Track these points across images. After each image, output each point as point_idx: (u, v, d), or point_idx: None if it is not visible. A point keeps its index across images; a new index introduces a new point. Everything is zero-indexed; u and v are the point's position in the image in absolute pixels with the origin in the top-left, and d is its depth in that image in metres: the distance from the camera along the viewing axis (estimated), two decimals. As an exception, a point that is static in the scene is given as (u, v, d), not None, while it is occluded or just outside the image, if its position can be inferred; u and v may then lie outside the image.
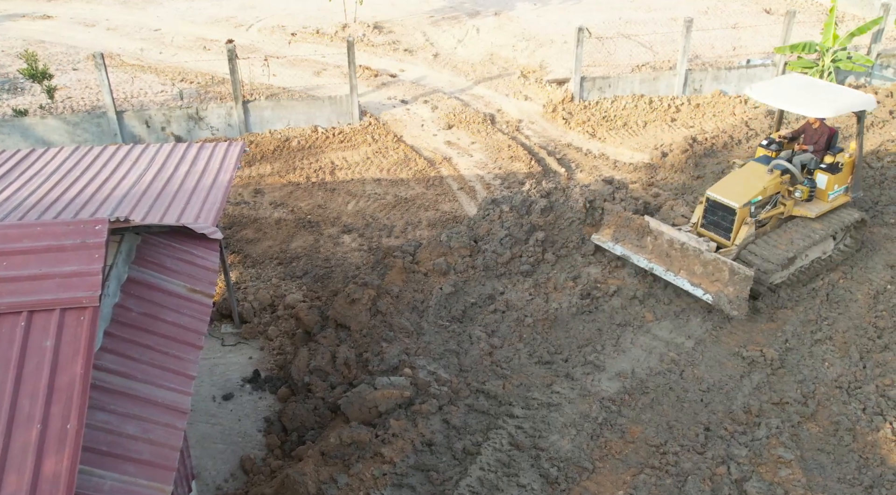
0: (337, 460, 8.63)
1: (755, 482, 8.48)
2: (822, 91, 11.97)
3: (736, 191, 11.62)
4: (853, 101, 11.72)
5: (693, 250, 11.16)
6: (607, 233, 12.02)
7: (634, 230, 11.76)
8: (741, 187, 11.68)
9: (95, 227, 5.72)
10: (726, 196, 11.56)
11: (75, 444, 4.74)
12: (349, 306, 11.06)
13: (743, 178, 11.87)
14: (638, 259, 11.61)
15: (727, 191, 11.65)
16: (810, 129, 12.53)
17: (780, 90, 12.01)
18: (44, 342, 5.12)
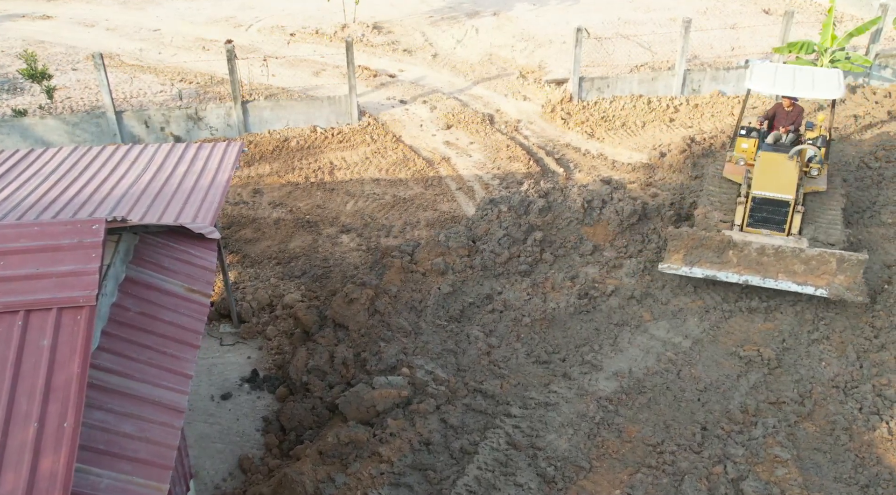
0: (335, 459, 8.65)
1: (752, 481, 8.50)
2: (813, 74, 12.81)
3: (781, 183, 11.75)
4: (840, 78, 12.78)
5: (791, 251, 11.13)
6: (677, 259, 11.51)
7: (712, 248, 11.43)
8: (781, 179, 11.84)
9: (92, 227, 5.74)
10: (776, 190, 11.65)
11: (72, 443, 4.76)
12: (347, 306, 11.08)
13: (774, 171, 12.00)
14: (727, 275, 11.37)
15: (772, 185, 11.73)
16: (783, 111, 13.08)
17: (781, 80, 12.56)
18: (41, 341, 5.14)
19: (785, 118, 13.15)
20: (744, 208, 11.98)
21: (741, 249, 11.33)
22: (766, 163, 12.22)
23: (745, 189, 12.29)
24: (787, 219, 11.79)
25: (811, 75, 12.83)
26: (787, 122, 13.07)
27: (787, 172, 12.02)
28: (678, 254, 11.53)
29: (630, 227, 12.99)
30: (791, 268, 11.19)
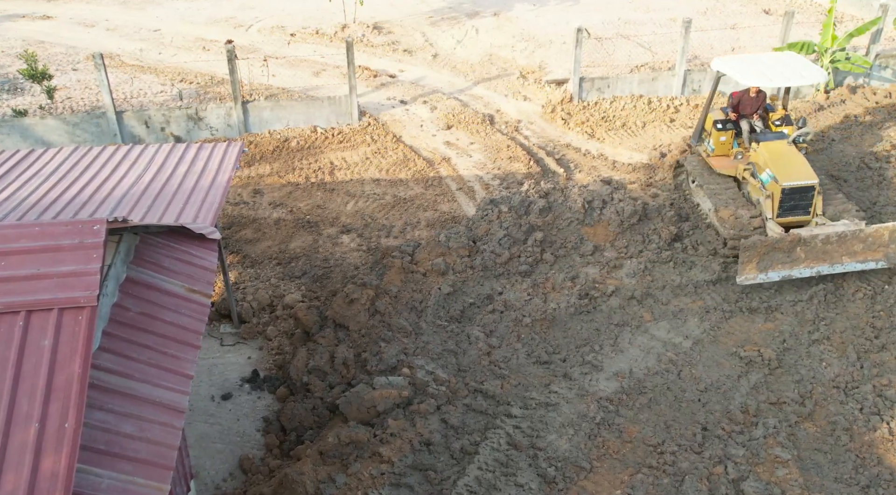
0: (335, 460, 8.65)
1: (752, 482, 8.50)
2: (787, 61, 13.13)
3: (800, 171, 12.17)
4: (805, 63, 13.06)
5: (851, 233, 11.44)
6: (751, 268, 11.43)
7: (783, 249, 11.48)
8: (798, 166, 12.28)
9: (93, 227, 5.74)
10: (802, 178, 12.05)
11: (73, 443, 4.76)
12: (348, 306, 11.08)
13: (788, 159, 12.42)
14: (800, 272, 11.53)
15: (797, 174, 12.10)
16: (748, 97, 13.28)
17: (760, 70, 12.82)
18: (42, 341, 5.14)
19: (751, 105, 13.33)
20: (772, 201, 12.19)
21: (808, 243, 11.50)
22: (774, 153, 12.43)
23: (757, 182, 12.51)
24: (811, 202, 12.18)
25: (782, 62, 13.08)
26: (754, 109, 13.32)
27: (799, 158, 12.46)
28: (751, 264, 11.52)
29: (630, 228, 12.99)
30: (851, 249, 11.55)
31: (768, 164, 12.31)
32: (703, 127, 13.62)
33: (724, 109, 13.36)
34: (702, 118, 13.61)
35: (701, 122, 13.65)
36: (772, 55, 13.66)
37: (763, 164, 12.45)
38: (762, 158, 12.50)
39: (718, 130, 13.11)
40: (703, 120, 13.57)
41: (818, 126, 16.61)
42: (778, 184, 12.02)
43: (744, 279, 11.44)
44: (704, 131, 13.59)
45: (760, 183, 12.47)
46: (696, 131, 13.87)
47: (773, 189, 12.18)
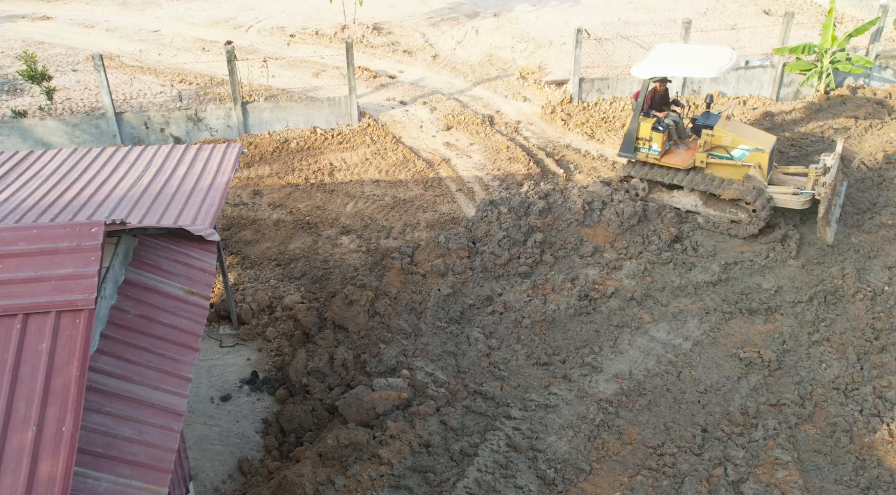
0: (334, 462, 8.64)
1: (752, 484, 8.48)
2: (696, 53, 13.52)
3: (764, 135, 13.42)
4: (724, 56, 13.26)
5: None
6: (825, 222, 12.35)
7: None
8: (757, 132, 13.57)
9: (91, 230, 5.72)
10: (771, 139, 13.26)
11: (71, 447, 4.75)
12: (347, 307, 11.07)
13: (747, 130, 13.55)
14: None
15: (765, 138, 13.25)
16: (657, 95, 13.78)
17: (664, 61, 13.21)
18: (39, 345, 5.13)
19: (660, 100, 13.80)
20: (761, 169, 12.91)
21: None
22: (733, 130, 13.17)
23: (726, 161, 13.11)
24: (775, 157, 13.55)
25: (690, 54, 13.46)
26: (662, 104, 13.83)
27: (749, 127, 13.81)
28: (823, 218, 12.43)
29: (630, 229, 12.98)
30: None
31: (737, 141, 12.92)
32: (638, 136, 13.59)
33: (648, 112, 13.52)
34: (633, 128, 13.56)
35: (634, 133, 13.56)
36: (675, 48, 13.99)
37: (731, 143, 12.98)
38: (726, 139, 13.00)
39: (660, 132, 13.33)
40: (637, 129, 13.53)
41: (818, 126, 16.59)
42: (763, 152, 12.78)
43: (829, 236, 12.51)
44: (639, 140, 13.56)
45: (735, 160, 13.02)
46: (628, 143, 13.71)
47: (758, 158, 12.84)
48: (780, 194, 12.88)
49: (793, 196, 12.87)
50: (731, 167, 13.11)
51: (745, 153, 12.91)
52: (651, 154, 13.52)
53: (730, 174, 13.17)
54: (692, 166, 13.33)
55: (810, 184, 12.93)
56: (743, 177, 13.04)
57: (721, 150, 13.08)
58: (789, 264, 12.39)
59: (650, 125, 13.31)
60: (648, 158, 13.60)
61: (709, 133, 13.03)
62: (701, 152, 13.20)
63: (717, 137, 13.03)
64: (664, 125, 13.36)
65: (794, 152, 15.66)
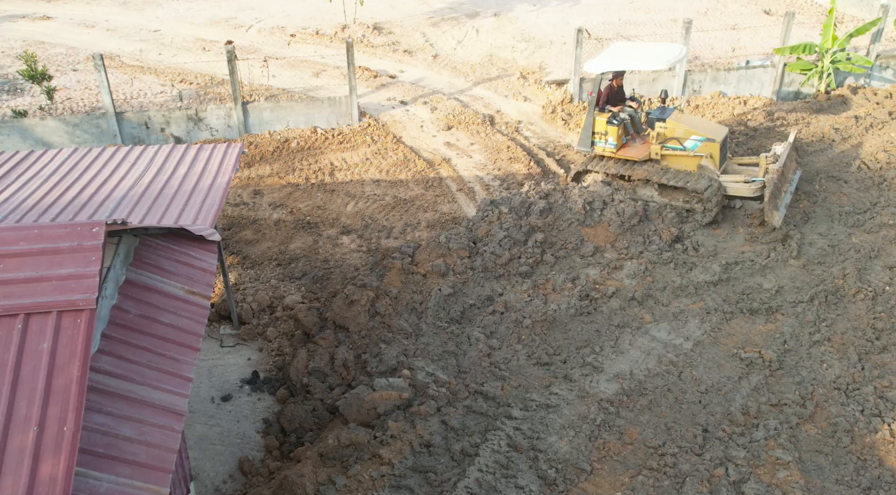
0: (335, 461, 8.63)
1: (753, 484, 8.48)
2: (647, 48, 13.99)
3: (715, 126, 13.97)
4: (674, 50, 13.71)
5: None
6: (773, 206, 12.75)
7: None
8: (709, 123, 14.19)
9: (92, 230, 5.72)
10: (723, 130, 13.81)
11: (72, 447, 4.74)
12: (348, 307, 11.06)
13: (699, 122, 14.17)
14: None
15: (716, 129, 13.80)
16: (613, 91, 14.24)
17: (617, 56, 13.59)
18: (40, 345, 5.12)
19: (617, 96, 14.30)
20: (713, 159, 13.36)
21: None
22: (685, 122, 13.59)
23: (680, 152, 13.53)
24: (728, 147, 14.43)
25: (640, 50, 13.89)
26: (618, 99, 14.32)
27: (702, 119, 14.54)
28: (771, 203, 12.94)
29: (631, 229, 12.97)
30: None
31: (690, 132, 13.41)
32: (594, 130, 14.02)
33: (604, 108, 14.03)
34: (589, 123, 14.02)
35: (590, 127, 14.02)
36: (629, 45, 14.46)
37: (684, 134, 13.45)
38: (679, 130, 13.45)
39: (616, 126, 13.78)
40: (593, 124, 13.98)
41: (819, 127, 16.58)
42: (714, 142, 13.30)
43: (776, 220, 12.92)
44: (596, 134, 14.01)
45: (688, 151, 13.49)
46: (585, 138, 14.18)
47: (710, 148, 13.34)
48: (732, 183, 13.45)
49: (744, 184, 13.44)
50: (685, 158, 13.60)
51: (698, 144, 13.42)
52: (607, 147, 14.02)
53: (683, 164, 13.65)
54: (647, 158, 13.81)
55: (761, 172, 13.52)
56: (696, 167, 13.52)
57: (674, 142, 13.59)
58: (790, 264, 12.39)
59: (605, 120, 13.82)
60: (605, 152, 14.10)
61: (662, 125, 13.55)
62: (655, 144, 13.68)
63: (670, 129, 13.53)
64: (619, 119, 13.85)
65: (794, 152, 15.65)
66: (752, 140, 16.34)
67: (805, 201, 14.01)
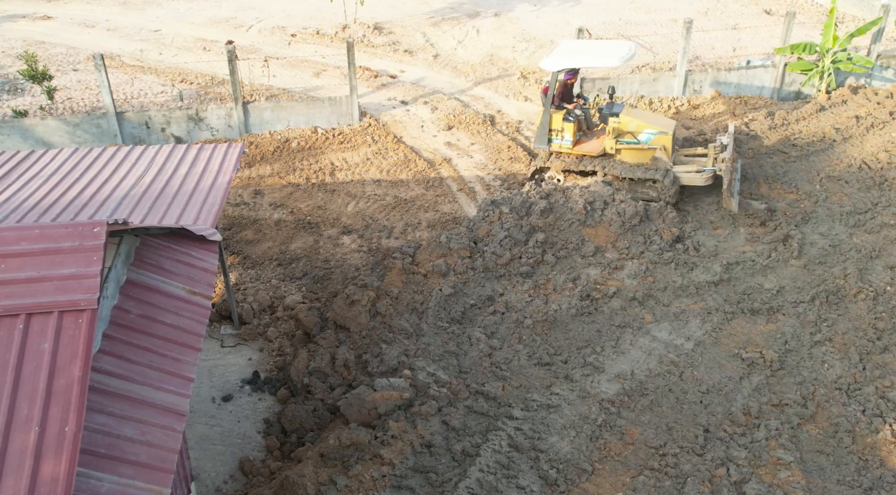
0: (336, 462, 8.63)
1: (754, 484, 8.47)
2: (598, 46, 14.31)
3: (665, 120, 14.40)
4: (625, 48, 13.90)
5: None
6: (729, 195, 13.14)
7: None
8: (660, 118, 14.56)
9: (93, 230, 5.71)
10: (673, 123, 14.26)
11: (73, 447, 4.74)
12: (348, 307, 11.05)
13: (650, 116, 14.45)
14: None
15: (666, 122, 14.21)
16: (567, 89, 14.50)
17: (572, 54, 13.82)
18: (42, 345, 5.12)
19: (569, 93, 14.59)
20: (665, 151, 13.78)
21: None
22: (637, 117, 13.97)
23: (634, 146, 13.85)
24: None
25: (592, 47, 14.21)
26: (570, 96, 14.61)
27: (652, 113, 14.98)
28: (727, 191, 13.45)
29: (632, 229, 12.97)
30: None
31: (642, 126, 13.81)
32: (551, 127, 14.23)
33: (560, 105, 14.23)
34: (546, 121, 14.20)
35: (547, 125, 14.21)
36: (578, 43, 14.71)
37: (637, 129, 13.85)
38: (633, 124, 13.84)
39: (572, 122, 14.06)
40: (550, 121, 14.17)
41: (820, 126, 16.57)
42: (666, 135, 13.74)
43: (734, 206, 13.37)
44: (553, 131, 14.22)
45: (642, 144, 13.85)
46: (542, 135, 14.36)
47: (662, 140, 13.77)
48: (685, 173, 13.89)
49: (697, 174, 13.88)
50: (639, 151, 13.94)
51: (651, 137, 13.82)
52: (564, 144, 14.26)
53: (638, 158, 14.00)
54: (603, 153, 14.09)
55: (710, 162, 13.99)
56: (650, 159, 13.91)
57: (628, 136, 13.91)
58: (791, 264, 12.38)
59: (562, 117, 14.05)
60: (561, 148, 14.33)
61: (616, 120, 13.87)
62: (610, 139, 13.96)
63: (623, 124, 13.87)
64: (574, 116, 14.10)
65: (795, 152, 15.64)
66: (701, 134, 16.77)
67: (806, 201, 14.01)
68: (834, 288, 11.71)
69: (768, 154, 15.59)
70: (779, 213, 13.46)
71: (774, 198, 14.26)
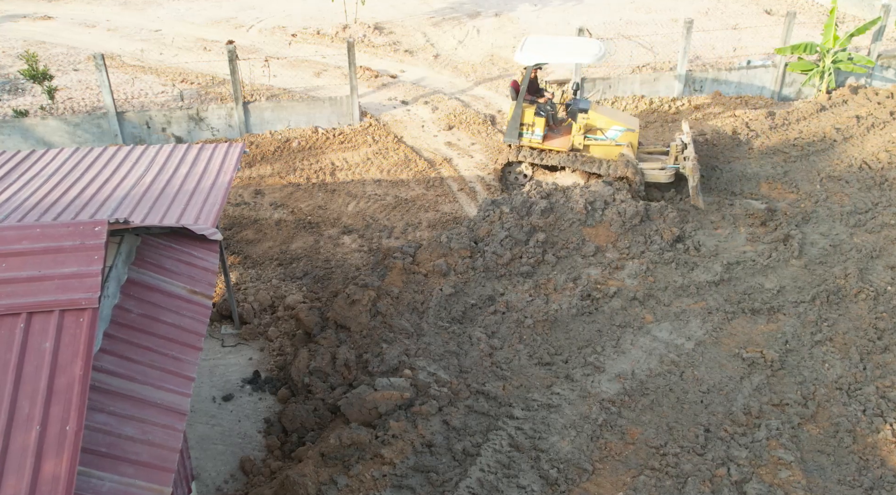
0: (337, 461, 8.63)
1: (755, 484, 8.47)
2: (566, 42, 14.39)
3: (630, 117, 14.67)
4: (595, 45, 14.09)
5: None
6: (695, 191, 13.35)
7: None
8: (625, 114, 14.85)
9: (94, 229, 5.72)
10: (637, 120, 14.55)
11: (74, 446, 4.74)
12: (349, 307, 11.05)
13: (616, 113, 14.72)
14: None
15: (631, 119, 14.45)
16: (533, 82, 14.58)
17: (544, 49, 13.87)
18: (43, 344, 5.12)
19: (535, 87, 14.66)
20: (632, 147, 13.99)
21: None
22: (604, 113, 14.21)
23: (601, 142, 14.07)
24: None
25: (564, 43, 14.32)
26: (536, 90, 14.65)
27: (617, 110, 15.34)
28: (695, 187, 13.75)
29: (632, 229, 12.96)
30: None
31: (610, 123, 14.03)
32: (522, 122, 14.29)
33: (532, 100, 14.20)
34: (517, 115, 14.23)
35: (518, 119, 14.25)
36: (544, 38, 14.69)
37: (605, 125, 14.06)
38: (601, 121, 14.06)
39: (543, 117, 14.16)
40: (521, 115, 14.21)
41: (820, 126, 16.58)
42: (633, 132, 13.99)
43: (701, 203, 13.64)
44: (524, 125, 14.29)
45: (610, 140, 14.07)
46: (512, 130, 14.39)
47: (629, 137, 14.00)
48: (649, 170, 14.09)
49: (660, 171, 14.07)
50: (608, 147, 14.16)
51: (619, 133, 14.06)
52: (534, 139, 14.33)
53: (606, 153, 14.21)
54: (572, 148, 14.26)
55: (672, 159, 14.19)
56: (617, 155, 14.09)
57: (598, 132, 14.12)
58: (792, 264, 12.38)
59: (533, 111, 14.11)
60: (531, 143, 14.40)
61: (584, 116, 14.01)
62: (578, 135, 14.09)
63: (592, 120, 14.07)
64: (544, 110, 14.22)
65: (795, 152, 15.64)
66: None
67: (806, 201, 14.01)
68: (834, 288, 11.70)
69: (769, 154, 15.59)
70: (779, 213, 13.46)
71: (775, 197, 14.26)
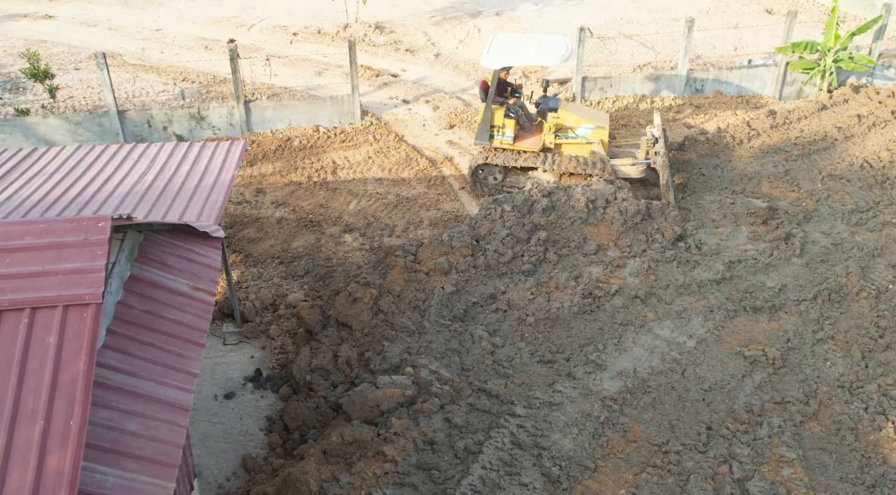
0: (338, 459, 8.63)
1: (757, 481, 8.47)
2: (534, 42, 14.38)
3: (600, 114, 14.78)
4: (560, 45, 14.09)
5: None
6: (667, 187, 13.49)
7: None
8: (595, 111, 14.97)
9: (98, 224, 5.72)
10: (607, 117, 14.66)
11: (78, 441, 4.74)
12: (351, 305, 11.06)
13: (586, 110, 14.91)
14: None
15: (601, 116, 14.59)
16: (502, 82, 14.60)
17: (511, 51, 13.87)
18: (46, 339, 5.12)
19: (503, 88, 14.63)
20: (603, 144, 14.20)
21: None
22: (575, 112, 14.28)
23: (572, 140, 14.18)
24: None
25: (531, 43, 14.30)
26: (505, 91, 14.64)
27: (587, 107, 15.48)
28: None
29: (634, 227, 12.96)
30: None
31: (580, 121, 14.12)
32: (493, 124, 14.26)
33: (501, 101, 14.18)
34: (487, 117, 14.19)
35: (489, 121, 14.20)
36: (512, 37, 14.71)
37: (575, 123, 14.14)
38: (571, 119, 14.13)
39: (512, 118, 14.12)
40: (491, 117, 14.17)
41: (821, 125, 16.58)
42: (603, 129, 14.09)
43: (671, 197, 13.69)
44: (494, 127, 14.26)
45: (581, 138, 14.19)
46: (483, 132, 14.33)
47: (600, 134, 14.13)
48: (620, 165, 14.21)
49: (632, 166, 14.22)
50: (578, 145, 14.27)
51: (589, 131, 14.15)
52: (504, 140, 14.29)
53: (577, 151, 14.31)
54: (543, 148, 14.22)
55: (643, 154, 14.29)
56: (588, 153, 14.22)
57: (568, 131, 14.20)
58: (793, 262, 12.38)
59: (503, 113, 14.08)
60: (503, 144, 14.33)
61: (554, 115, 13.99)
62: (549, 134, 14.10)
63: (562, 119, 14.10)
64: (514, 111, 14.17)
65: (796, 151, 15.65)
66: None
67: (808, 200, 14.01)
68: (836, 286, 11.71)
69: (770, 152, 15.60)
70: (781, 212, 13.46)
71: (776, 196, 14.26)
